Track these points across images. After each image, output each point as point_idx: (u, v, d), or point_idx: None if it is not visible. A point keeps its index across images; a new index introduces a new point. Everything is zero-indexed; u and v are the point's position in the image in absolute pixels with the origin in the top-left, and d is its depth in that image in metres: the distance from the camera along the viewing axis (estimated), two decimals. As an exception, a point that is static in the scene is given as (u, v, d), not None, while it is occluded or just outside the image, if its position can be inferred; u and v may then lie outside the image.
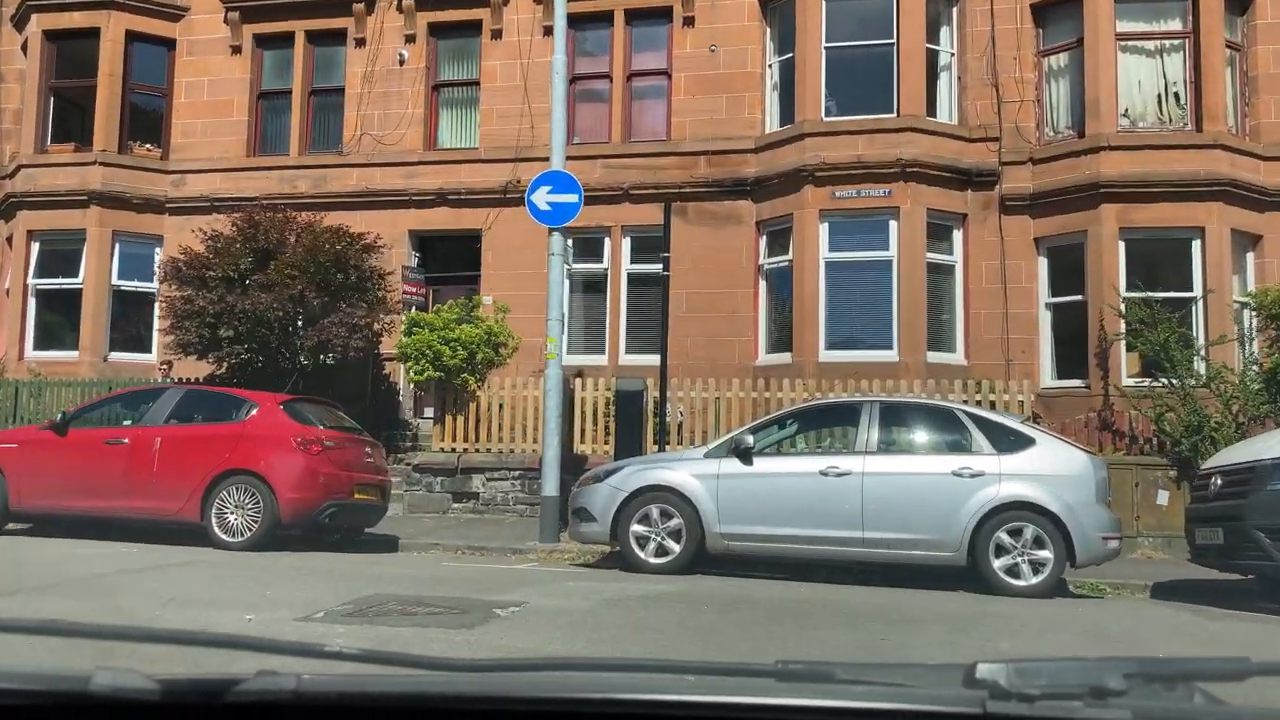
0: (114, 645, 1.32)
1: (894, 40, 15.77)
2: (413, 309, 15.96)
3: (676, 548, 9.49)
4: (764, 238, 16.51)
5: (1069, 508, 8.86)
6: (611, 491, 9.78)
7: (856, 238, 15.73)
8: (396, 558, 10.86)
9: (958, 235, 15.94)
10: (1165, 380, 13.29)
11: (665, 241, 13.66)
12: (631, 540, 9.59)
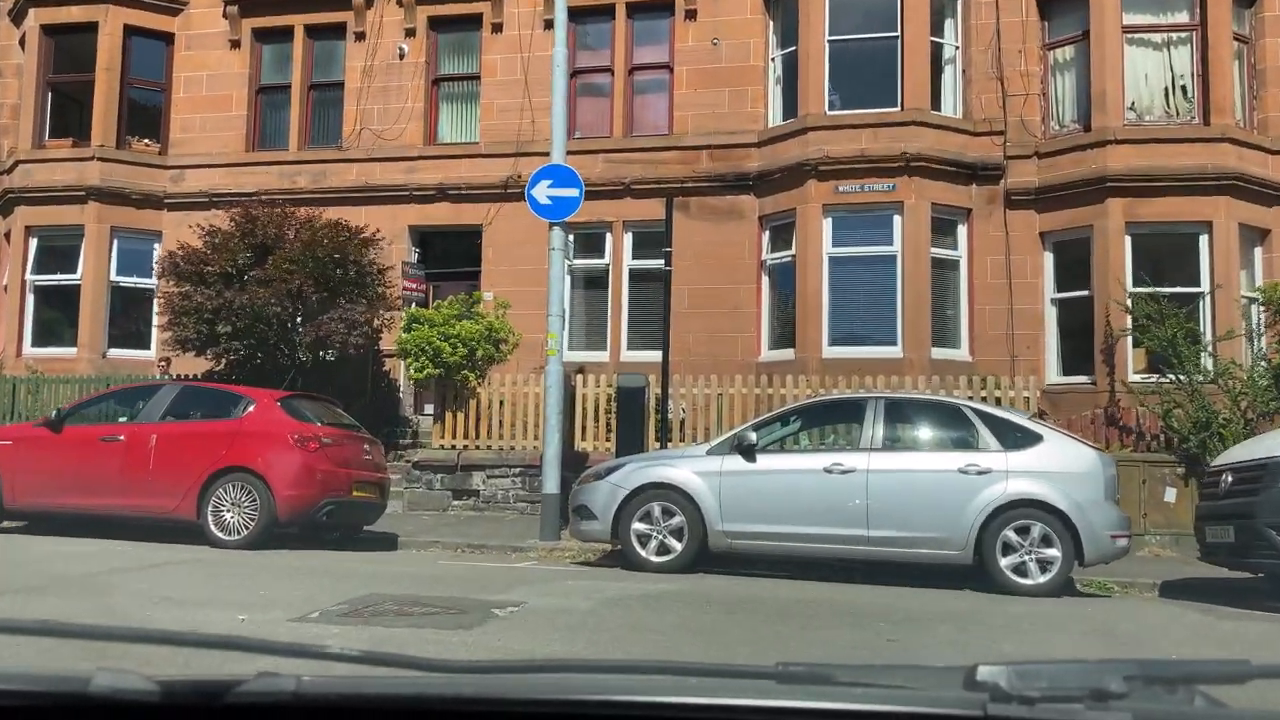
0: (107, 646, 1.31)
1: (898, 33, 15.61)
2: (413, 305, 15.83)
3: (678, 546, 9.37)
4: (767, 233, 16.38)
5: (1077, 506, 8.73)
6: (612, 489, 9.65)
7: (860, 233, 15.59)
8: (395, 556, 10.75)
9: (962, 230, 15.80)
10: (1173, 376, 13.17)
11: (667, 237, 13.53)
12: (633, 538, 9.47)
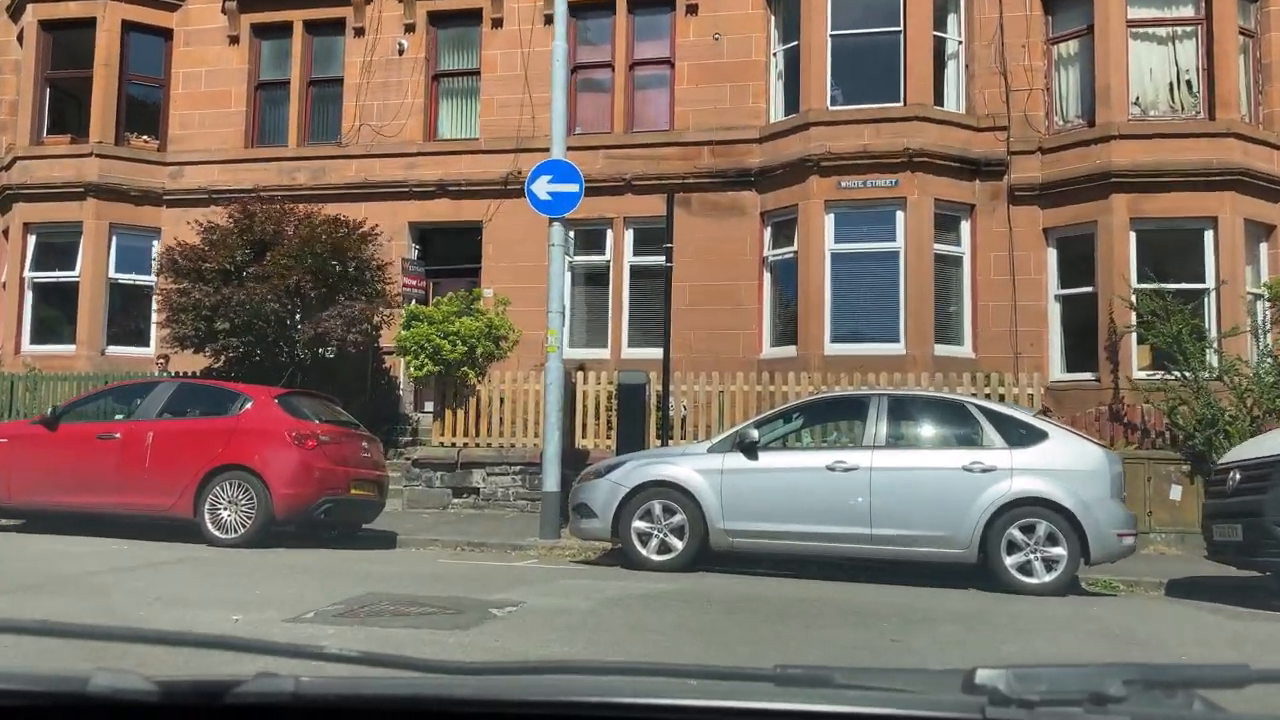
0: (105, 646, 1.32)
1: (901, 28, 15.50)
2: (413, 302, 15.74)
3: (679, 545, 9.28)
4: (768, 229, 16.27)
5: (1083, 504, 8.62)
6: (613, 487, 9.56)
7: (862, 229, 15.49)
8: (394, 554, 10.66)
9: (965, 226, 15.69)
10: (1178, 373, 13.06)
11: (668, 233, 13.41)
12: (633, 537, 9.38)
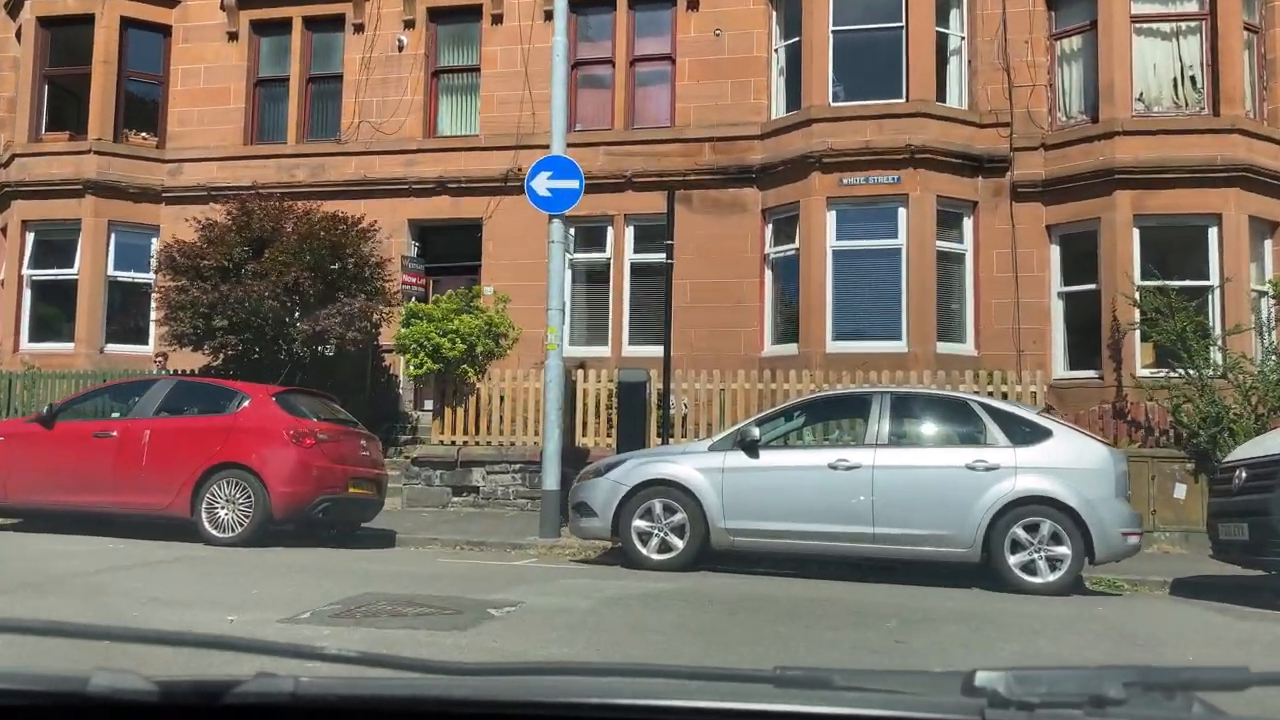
0: (101, 645, 1.32)
1: (903, 23, 15.41)
2: (412, 299, 15.66)
3: (680, 544, 9.20)
4: (770, 226, 16.18)
5: (1088, 502, 8.54)
6: (613, 486, 9.48)
7: (864, 226, 15.40)
8: (392, 553, 10.58)
9: (968, 223, 15.60)
10: (1182, 371, 12.97)
11: (669, 230, 13.32)
12: (633, 536, 9.30)
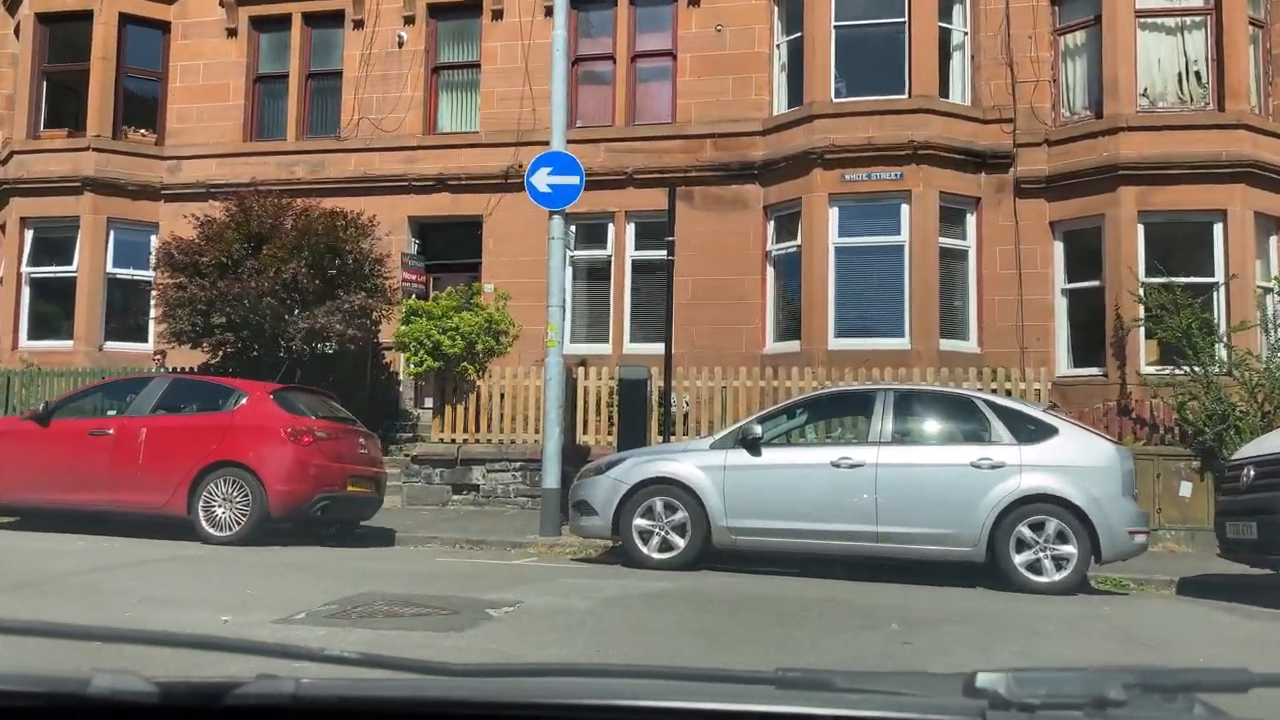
0: (100, 646, 1.32)
1: (905, 18, 15.30)
2: (412, 296, 15.57)
3: (681, 543, 9.11)
4: (772, 222, 16.09)
5: (1094, 501, 8.44)
6: (613, 484, 9.39)
7: (867, 222, 15.30)
8: (391, 552, 10.50)
9: (971, 219, 15.50)
10: (1187, 368, 12.87)
11: (670, 227, 13.22)
12: (634, 535, 9.22)
